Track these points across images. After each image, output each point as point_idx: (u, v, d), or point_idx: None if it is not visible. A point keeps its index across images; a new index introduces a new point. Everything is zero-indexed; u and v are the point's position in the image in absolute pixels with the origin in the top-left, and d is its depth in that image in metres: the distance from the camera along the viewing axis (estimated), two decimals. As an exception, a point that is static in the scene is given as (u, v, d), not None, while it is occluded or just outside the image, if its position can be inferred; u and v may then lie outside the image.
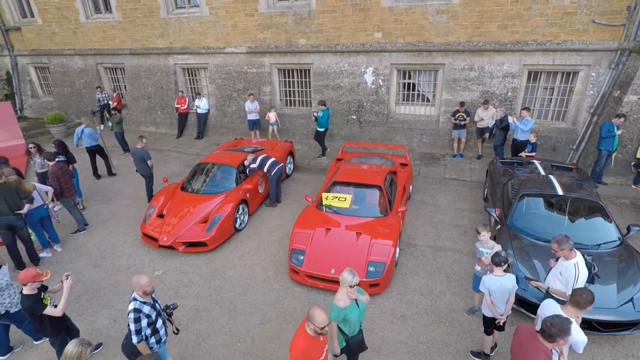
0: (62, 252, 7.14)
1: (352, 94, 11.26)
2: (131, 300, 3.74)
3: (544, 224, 5.87)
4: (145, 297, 3.74)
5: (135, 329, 3.64)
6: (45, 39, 15.18)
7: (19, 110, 16.45)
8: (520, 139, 8.70)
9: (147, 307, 3.73)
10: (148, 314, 3.72)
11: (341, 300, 3.70)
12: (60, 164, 7.43)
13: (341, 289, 3.73)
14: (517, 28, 9.20)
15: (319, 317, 3.12)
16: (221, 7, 11.69)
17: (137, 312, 3.66)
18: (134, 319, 3.64)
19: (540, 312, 3.73)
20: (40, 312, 4.11)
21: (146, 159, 8.36)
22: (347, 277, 3.64)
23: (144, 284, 3.68)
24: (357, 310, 3.76)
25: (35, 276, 4.04)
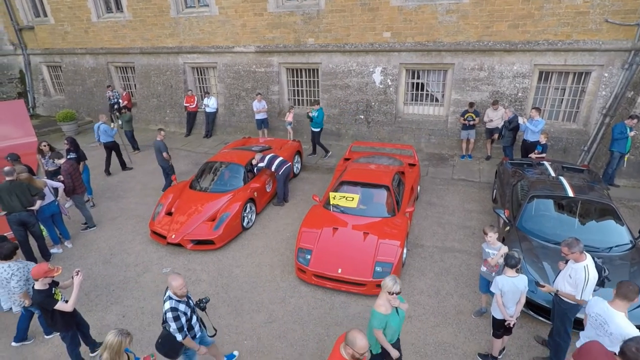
0: (73, 248, 7.25)
1: (360, 94, 11.23)
2: (166, 299, 3.74)
3: (553, 226, 5.80)
4: (179, 297, 3.75)
5: (177, 327, 3.67)
6: (58, 38, 15.40)
7: (31, 108, 16.71)
8: (530, 139, 8.61)
9: (182, 305, 3.76)
10: (184, 311, 3.76)
11: (382, 306, 3.59)
12: (71, 161, 7.54)
13: (382, 294, 3.64)
14: (528, 28, 9.09)
15: (361, 343, 2.89)
16: (230, 7, 11.75)
17: (175, 311, 3.68)
18: (173, 318, 3.65)
19: (589, 310, 3.67)
20: (52, 307, 4.18)
21: (162, 150, 8.69)
22: (388, 283, 3.55)
23: (175, 286, 3.67)
24: (398, 318, 3.68)
25: (46, 272, 4.11)
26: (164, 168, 9.03)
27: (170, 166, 9.02)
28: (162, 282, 6.20)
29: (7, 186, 6.24)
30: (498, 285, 4.11)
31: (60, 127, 14.26)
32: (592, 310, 3.62)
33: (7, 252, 4.64)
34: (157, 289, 6.05)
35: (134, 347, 4.97)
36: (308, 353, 4.82)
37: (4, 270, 4.63)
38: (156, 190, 9.23)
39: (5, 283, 4.67)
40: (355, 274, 5.57)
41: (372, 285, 5.53)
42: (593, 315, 3.60)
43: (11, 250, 4.68)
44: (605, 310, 3.49)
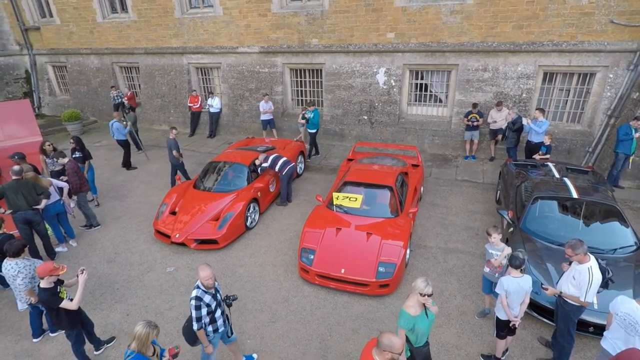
0: (77, 247, 7.29)
1: (363, 94, 11.24)
2: (194, 287, 3.84)
3: (557, 228, 5.78)
4: (207, 288, 3.82)
5: (196, 317, 3.75)
6: (63, 38, 15.51)
7: (36, 108, 16.84)
8: (534, 141, 8.58)
9: (208, 297, 3.81)
10: (208, 303, 3.80)
11: (412, 307, 3.53)
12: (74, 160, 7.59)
13: (412, 296, 3.60)
14: (532, 29, 9.07)
15: (398, 343, 2.86)
16: (235, 7, 11.79)
17: (199, 300, 3.75)
18: (195, 306, 3.74)
19: (616, 310, 3.65)
20: (57, 305, 4.21)
21: (173, 148, 8.91)
22: (420, 285, 3.49)
23: (202, 276, 3.75)
24: (427, 321, 3.61)
25: (52, 270, 4.15)
26: (175, 165, 9.23)
27: (181, 164, 9.21)
28: (165, 281, 6.23)
29: (13, 185, 6.30)
30: (503, 286, 4.10)
31: (65, 127, 14.35)
32: (620, 310, 3.57)
33: (16, 249, 4.70)
34: (161, 287, 6.09)
35: (138, 346, 5.01)
36: (311, 353, 4.83)
37: (11, 267, 4.69)
38: (160, 190, 9.27)
39: (12, 280, 4.73)
40: (358, 274, 5.57)
41: (375, 285, 5.54)
42: (621, 315, 3.56)
43: (19, 248, 4.74)
44: (635, 309, 3.47)
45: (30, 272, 4.77)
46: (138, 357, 3.18)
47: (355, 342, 4.95)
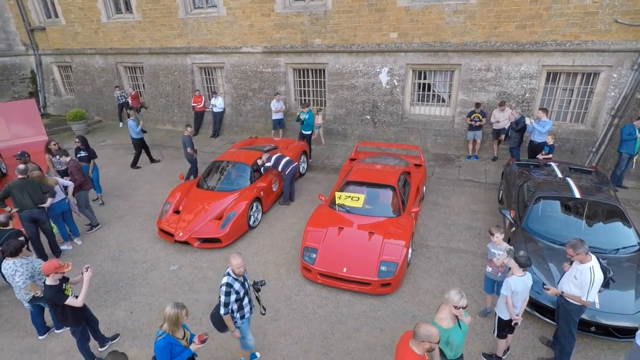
0: (82, 245, 7.37)
1: (366, 94, 11.26)
2: (225, 274, 3.99)
3: (560, 227, 5.78)
4: (237, 275, 3.95)
5: (224, 302, 3.91)
6: (68, 38, 15.64)
7: (42, 107, 16.97)
8: (538, 140, 8.57)
9: (237, 284, 3.96)
10: (237, 290, 3.95)
11: (445, 320, 3.43)
12: (75, 160, 7.66)
13: (443, 308, 3.50)
14: (536, 28, 9.05)
15: (435, 332, 2.91)
16: (238, 8, 11.84)
17: (229, 287, 3.91)
18: (225, 292, 3.90)
19: None
20: (62, 302, 4.26)
21: (187, 145, 9.31)
22: (454, 297, 3.37)
23: (234, 264, 3.91)
24: (460, 332, 3.50)
25: (57, 267, 4.20)
26: (189, 161, 9.57)
27: (194, 160, 9.55)
28: (169, 279, 6.29)
29: (19, 184, 6.38)
30: (510, 287, 4.07)
31: (70, 127, 14.47)
32: None
33: (13, 249, 4.71)
34: (165, 285, 6.15)
35: (141, 342, 5.08)
36: (313, 351, 4.86)
37: (9, 267, 4.70)
38: (164, 189, 9.34)
39: (11, 279, 4.76)
40: (360, 273, 5.60)
41: (377, 284, 5.57)
42: None
43: (17, 247, 4.74)
44: None
45: (28, 270, 4.76)
46: (168, 337, 3.37)
47: (357, 341, 4.98)
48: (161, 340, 3.35)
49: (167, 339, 3.36)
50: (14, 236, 5.39)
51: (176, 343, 3.41)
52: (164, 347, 3.34)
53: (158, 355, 3.36)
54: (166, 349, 3.35)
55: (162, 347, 3.33)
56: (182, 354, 3.44)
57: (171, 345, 3.37)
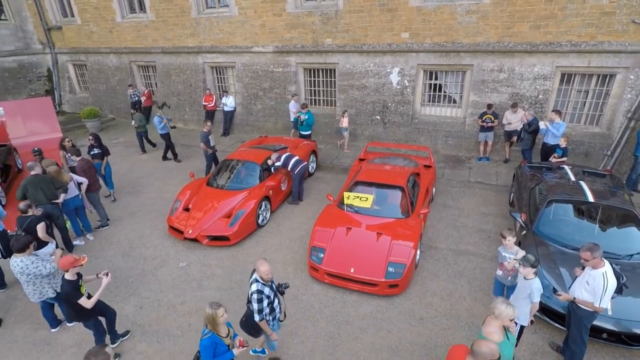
0: (94, 240, 7.49)
1: (377, 94, 11.22)
2: (253, 281, 3.98)
3: (572, 232, 5.68)
4: (265, 281, 3.97)
5: (258, 309, 3.92)
6: (84, 37, 15.92)
7: (57, 105, 17.31)
8: (551, 143, 8.42)
9: (267, 289, 3.98)
10: (268, 295, 3.98)
11: (495, 334, 3.28)
12: (86, 160, 7.75)
13: (492, 322, 3.32)
14: (550, 29, 8.91)
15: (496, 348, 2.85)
16: (250, 7, 11.91)
17: (260, 294, 3.91)
18: (257, 300, 3.90)
19: None
20: (75, 300, 4.35)
21: (201, 140, 9.61)
22: (506, 311, 3.23)
23: (263, 271, 3.90)
24: (510, 345, 3.37)
25: (73, 262, 4.29)
26: (206, 157, 9.88)
27: (209, 155, 9.80)
28: (178, 276, 6.36)
29: (33, 180, 6.52)
30: (540, 290, 4.01)
31: (84, 124, 14.73)
32: None
33: (22, 245, 4.72)
34: (174, 282, 6.22)
35: (150, 337, 5.14)
36: (319, 350, 4.86)
37: (17, 264, 4.72)
38: (174, 187, 9.44)
39: (18, 276, 4.81)
40: (367, 274, 5.59)
41: (384, 285, 5.55)
42: None
43: (25, 244, 4.75)
44: None
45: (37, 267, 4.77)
46: (213, 337, 3.44)
47: (363, 342, 4.97)
48: (206, 339, 3.42)
49: (212, 338, 3.43)
50: (34, 222, 5.58)
51: (220, 342, 3.47)
52: (209, 346, 3.41)
53: (202, 353, 3.45)
54: (210, 348, 3.42)
55: (206, 346, 3.41)
56: (224, 354, 3.51)
57: (215, 344, 3.44)
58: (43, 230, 5.65)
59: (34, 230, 5.54)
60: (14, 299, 6.01)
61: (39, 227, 5.59)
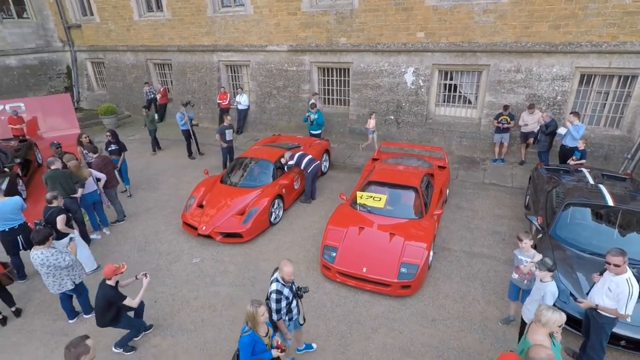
0: (110, 235, 7.64)
1: (391, 94, 11.16)
2: (273, 281, 3.99)
3: (590, 236, 5.56)
4: (285, 282, 3.98)
5: (276, 309, 3.93)
6: (102, 35, 16.22)
7: (76, 101, 17.67)
8: (569, 145, 8.25)
9: (287, 290, 3.99)
10: (287, 296, 3.99)
11: (544, 342, 3.16)
12: (103, 157, 7.89)
13: (538, 329, 3.20)
14: (570, 28, 8.73)
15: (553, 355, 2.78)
16: (265, 6, 11.97)
17: (279, 294, 3.92)
18: (276, 300, 3.91)
19: None
20: (121, 301, 4.55)
21: (218, 132, 9.93)
22: (553, 317, 3.12)
23: (286, 272, 3.90)
24: (557, 351, 3.22)
25: (115, 270, 4.51)
26: (221, 150, 10.23)
27: (224, 148, 10.07)
28: (191, 271, 6.45)
29: (52, 174, 6.69)
30: (555, 294, 3.96)
31: (101, 120, 15.02)
32: None
33: (42, 237, 4.85)
34: (187, 277, 6.30)
35: (164, 331, 5.23)
36: (330, 349, 4.87)
37: (37, 256, 4.85)
38: (189, 184, 9.55)
39: (39, 268, 4.94)
40: (380, 274, 5.57)
41: (396, 286, 5.52)
42: None
43: (45, 236, 4.88)
44: None
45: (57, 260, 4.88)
46: (253, 335, 3.45)
47: (374, 342, 4.96)
48: (246, 336, 3.44)
49: (252, 336, 3.44)
50: (55, 214, 5.75)
51: (259, 341, 3.48)
52: (248, 344, 3.43)
53: (241, 351, 3.48)
54: (249, 346, 3.43)
55: (246, 343, 3.43)
56: (263, 354, 3.51)
57: (254, 342, 3.45)
58: (62, 222, 5.81)
59: (55, 221, 5.72)
60: (33, 290, 6.18)
61: (58, 219, 5.77)
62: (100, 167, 7.55)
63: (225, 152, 10.18)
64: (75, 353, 3.13)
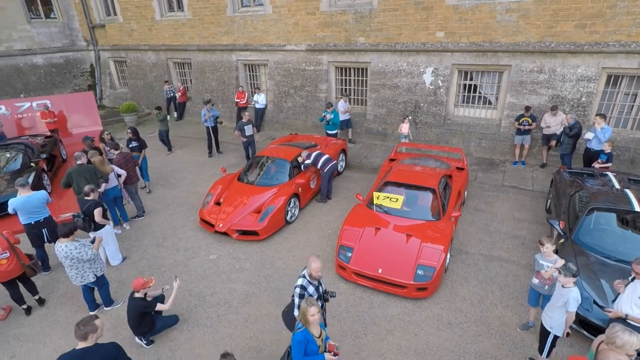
0: (130, 230, 7.81)
1: (409, 94, 11.05)
2: (300, 276, 4.01)
3: (615, 242, 5.39)
4: (312, 278, 3.95)
5: (298, 304, 3.91)
6: (125, 35, 16.61)
7: (99, 99, 18.15)
8: (595, 148, 8.00)
9: (311, 288, 3.96)
10: (311, 294, 3.94)
11: None
12: (124, 154, 8.07)
13: (608, 354, 2.99)
14: (597, 28, 8.46)
15: None
16: (284, 6, 12.02)
17: (303, 289, 3.92)
18: (298, 294, 3.92)
19: None
20: (153, 309, 4.77)
21: (237, 128, 10.17)
22: (631, 340, 2.88)
23: (313, 268, 3.88)
24: None
25: (144, 284, 4.74)
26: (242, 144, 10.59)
27: (244, 143, 10.36)
28: (208, 267, 6.53)
29: (77, 169, 6.89)
30: (578, 300, 3.85)
31: (122, 118, 15.38)
32: None
33: (67, 230, 5.05)
34: (204, 273, 6.39)
35: (180, 326, 5.31)
36: (344, 350, 4.86)
37: (61, 249, 5.03)
38: (206, 181, 9.70)
39: (62, 260, 5.12)
40: (396, 276, 5.53)
41: (412, 288, 5.47)
42: None
43: (70, 229, 5.08)
44: None
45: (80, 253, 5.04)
46: (305, 332, 3.41)
47: (389, 343, 4.92)
48: (299, 333, 3.41)
49: (304, 333, 3.39)
50: (92, 206, 5.99)
51: (312, 340, 3.42)
52: (300, 341, 3.39)
53: (293, 348, 3.47)
54: (301, 344, 3.39)
55: (298, 340, 3.40)
56: (316, 356, 3.45)
57: (307, 340, 3.40)
58: (99, 214, 6.07)
59: (92, 213, 6.00)
60: (57, 282, 6.37)
61: (96, 211, 6.02)
62: (121, 164, 7.72)
63: (246, 146, 10.44)
64: (84, 330, 3.38)
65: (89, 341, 3.40)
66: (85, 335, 3.37)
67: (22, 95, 15.86)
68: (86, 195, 6.13)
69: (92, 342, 3.42)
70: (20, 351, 5.09)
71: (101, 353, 3.41)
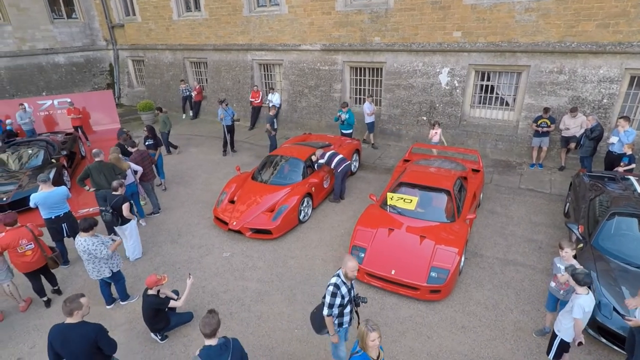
0: (146, 226, 7.94)
1: (424, 95, 10.95)
2: (335, 274, 3.92)
3: (636, 248, 5.22)
4: (346, 278, 3.86)
5: (329, 303, 3.81)
6: (143, 34, 16.91)
7: (117, 98, 18.52)
8: (617, 152, 7.77)
9: (344, 288, 3.85)
10: (343, 295, 3.84)
11: None
12: (141, 151, 8.20)
13: None
14: (621, 27, 8.23)
15: None
16: (300, 6, 12.05)
17: (336, 288, 3.81)
18: (331, 293, 3.81)
19: None
20: (166, 306, 4.87)
21: (268, 122, 10.50)
22: None
23: (350, 266, 3.79)
24: None
25: (157, 281, 4.82)
26: (269, 137, 10.81)
27: (272, 137, 10.64)
28: (221, 265, 6.60)
29: (97, 166, 7.05)
30: (584, 309, 3.76)
31: (140, 116, 15.65)
32: None
33: (87, 225, 5.16)
34: (217, 271, 6.46)
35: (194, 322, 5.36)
36: (356, 350, 4.84)
37: (81, 243, 5.15)
38: (220, 180, 9.79)
39: (81, 253, 5.23)
40: (409, 277, 5.48)
41: (425, 290, 5.42)
42: None
43: (90, 224, 5.19)
44: None
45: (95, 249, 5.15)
46: (364, 356, 3.25)
47: (401, 345, 4.89)
48: (357, 357, 3.27)
49: (363, 357, 3.24)
50: (120, 202, 6.17)
51: None
52: None
53: None
54: None
55: None
56: None
57: None
58: (127, 209, 6.28)
59: (120, 208, 6.19)
60: (75, 276, 6.53)
61: (124, 206, 6.22)
62: (137, 161, 7.86)
63: (274, 139, 10.79)
64: (70, 307, 3.54)
65: (74, 317, 3.56)
66: (71, 312, 3.53)
67: (44, 93, 16.31)
68: (114, 190, 6.32)
69: (77, 318, 3.57)
70: (40, 342, 5.23)
71: (80, 331, 3.56)
